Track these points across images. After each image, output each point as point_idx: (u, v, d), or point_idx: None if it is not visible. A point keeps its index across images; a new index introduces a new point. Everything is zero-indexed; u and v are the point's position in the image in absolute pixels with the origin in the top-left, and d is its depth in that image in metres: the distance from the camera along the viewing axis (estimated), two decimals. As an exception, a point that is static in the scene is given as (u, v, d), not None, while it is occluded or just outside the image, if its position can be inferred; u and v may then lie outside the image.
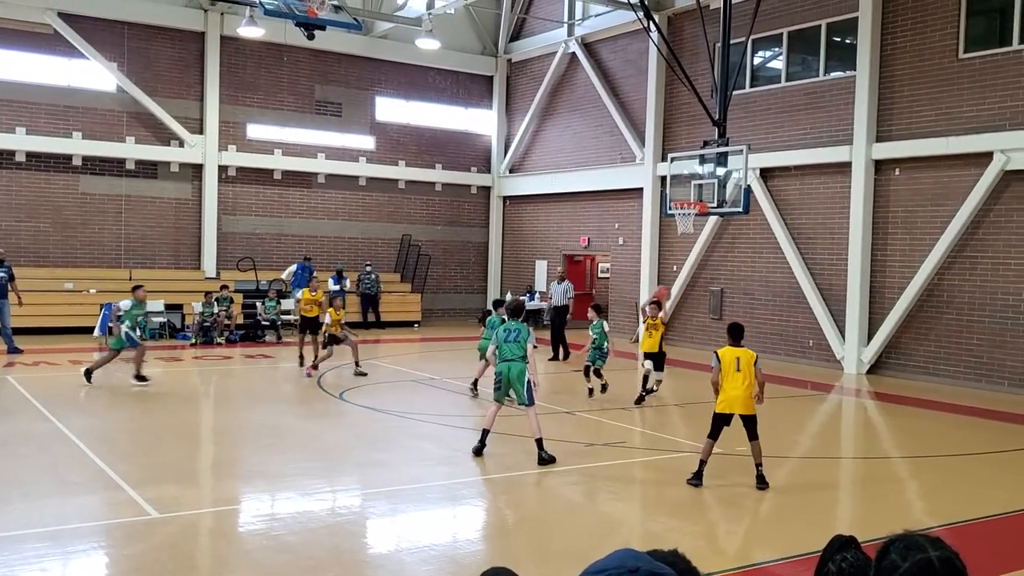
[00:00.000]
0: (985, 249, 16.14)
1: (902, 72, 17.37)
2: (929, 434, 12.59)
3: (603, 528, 7.82)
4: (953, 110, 16.54)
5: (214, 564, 6.78)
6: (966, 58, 16.40)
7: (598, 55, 25.02)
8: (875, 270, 17.83)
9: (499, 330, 10.33)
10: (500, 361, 10.09)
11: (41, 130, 22.43)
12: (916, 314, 17.17)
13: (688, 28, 21.74)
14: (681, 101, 21.81)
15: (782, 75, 19.98)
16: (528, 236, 27.91)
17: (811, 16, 19.04)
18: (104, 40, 22.94)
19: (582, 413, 13.04)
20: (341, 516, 8.03)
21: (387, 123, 27.29)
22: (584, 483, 9.37)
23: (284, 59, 25.44)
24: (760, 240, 20.11)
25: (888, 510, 8.54)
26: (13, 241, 21.95)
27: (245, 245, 25.12)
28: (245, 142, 25.05)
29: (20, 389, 13.88)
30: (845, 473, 10.38)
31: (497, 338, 10.19)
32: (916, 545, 1.87)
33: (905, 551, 1.85)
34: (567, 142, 26.27)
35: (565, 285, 19.86)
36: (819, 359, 18.74)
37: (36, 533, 7.14)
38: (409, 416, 12.52)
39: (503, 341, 10.09)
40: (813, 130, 18.97)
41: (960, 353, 16.50)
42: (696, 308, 21.77)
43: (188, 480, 9.21)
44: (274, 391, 15.34)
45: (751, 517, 8.37)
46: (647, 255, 22.84)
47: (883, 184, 17.72)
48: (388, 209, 27.46)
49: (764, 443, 9.02)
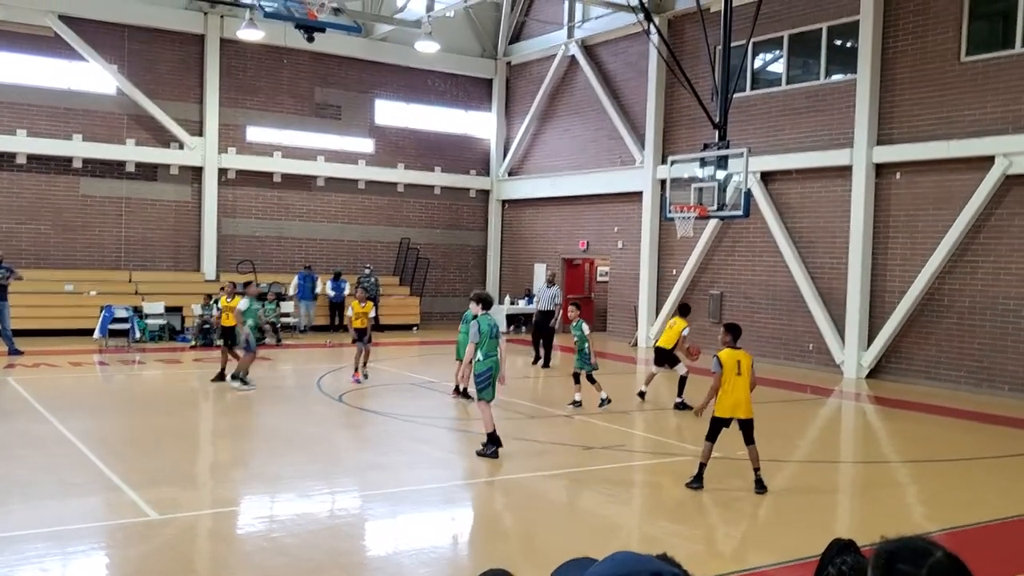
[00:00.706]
0: (987, 253, 16.13)
1: (903, 75, 17.38)
2: (929, 438, 12.58)
3: (602, 531, 7.81)
4: (955, 114, 16.54)
5: (213, 566, 6.76)
6: (968, 61, 16.40)
7: (598, 58, 25.03)
8: (876, 274, 17.82)
9: (482, 325, 10.08)
10: (486, 358, 10.01)
11: (42, 132, 22.43)
12: (917, 318, 17.15)
13: (688, 31, 21.75)
14: (681, 104, 21.81)
15: (783, 78, 19.98)
16: (527, 239, 27.90)
17: (812, 19, 19.05)
18: (104, 43, 22.95)
19: (581, 417, 13.02)
20: (340, 518, 8.02)
21: (386, 126, 27.30)
22: (583, 486, 9.36)
23: (284, 62, 25.45)
24: (760, 244, 20.10)
25: (888, 514, 8.53)
26: (14, 243, 21.94)
27: (245, 248, 25.11)
28: (245, 145, 25.06)
29: (20, 391, 13.87)
30: (844, 477, 10.36)
31: (481, 334, 10.02)
32: (921, 550, 1.85)
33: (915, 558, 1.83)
34: (566, 145, 26.27)
35: (553, 290, 19.38)
36: (819, 363, 18.73)
37: (36, 534, 7.13)
38: (408, 419, 12.50)
39: (490, 337, 10.01)
40: (814, 133, 18.97)
41: (961, 357, 16.49)
42: (695, 312, 21.66)
43: (187, 482, 9.20)
44: (273, 393, 15.32)
45: (750, 521, 8.35)
46: (646, 259, 22.83)
47: (884, 188, 17.71)
48: (387, 212, 27.46)
49: (764, 447, 9.02)
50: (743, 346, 9.23)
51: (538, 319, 19.42)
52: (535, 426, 12.42)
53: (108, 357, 18.47)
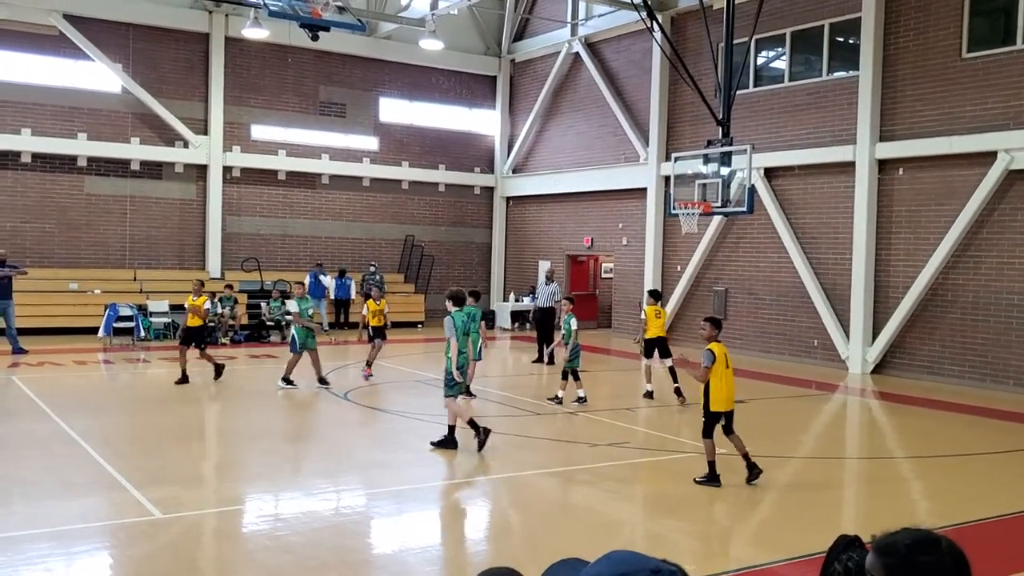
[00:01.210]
0: (989, 249, 16.11)
1: (905, 72, 17.35)
2: (934, 434, 12.57)
3: (606, 528, 7.82)
4: (956, 110, 16.51)
5: (218, 565, 6.79)
6: (969, 58, 16.37)
7: (601, 55, 25.02)
8: (879, 270, 17.81)
9: (456, 321, 10.24)
10: (460, 354, 10.27)
11: (46, 131, 22.49)
12: (920, 314, 17.14)
13: (691, 28, 21.73)
14: (684, 101, 21.80)
15: (785, 75, 19.96)
16: (531, 236, 27.91)
17: (814, 16, 19.03)
18: (109, 42, 23.00)
19: (586, 414, 13.03)
20: (345, 516, 8.04)
21: (391, 124, 27.32)
22: (588, 483, 9.37)
23: (288, 60, 25.47)
24: (764, 240, 20.09)
25: (893, 510, 8.53)
26: (18, 242, 22.01)
27: (250, 246, 25.16)
28: (249, 143, 25.10)
29: (24, 389, 13.92)
30: (850, 473, 10.36)
31: (456, 330, 10.20)
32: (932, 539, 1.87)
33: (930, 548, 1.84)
34: (570, 142, 26.27)
35: (552, 287, 19.21)
36: (824, 359, 18.72)
37: (40, 533, 7.16)
38: (413, 416, 12.53)
39: (464, 333, 10.39)
40: (816, 130, 18.95)
41: (964, 353, 16.48)
42: (700, 308, 21.71)
43: (191, 481, 9.22)
44: (277, 391, 15.36)
45: (755, 517, 8.36)
46: (651, 255, 22.82)
47: (887, 184, 17.70)
48: (392, 210, 27.49)
49: (767, 443, 9.04)
50: (745, 340, 9.24)
51: (538, 316, 19.32)
52: (540, 423, 12.44)
53: (112, 356, 18.53)
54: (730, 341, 21.30)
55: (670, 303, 21.89)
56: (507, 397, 14.39)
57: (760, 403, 14.32)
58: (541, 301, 19.24)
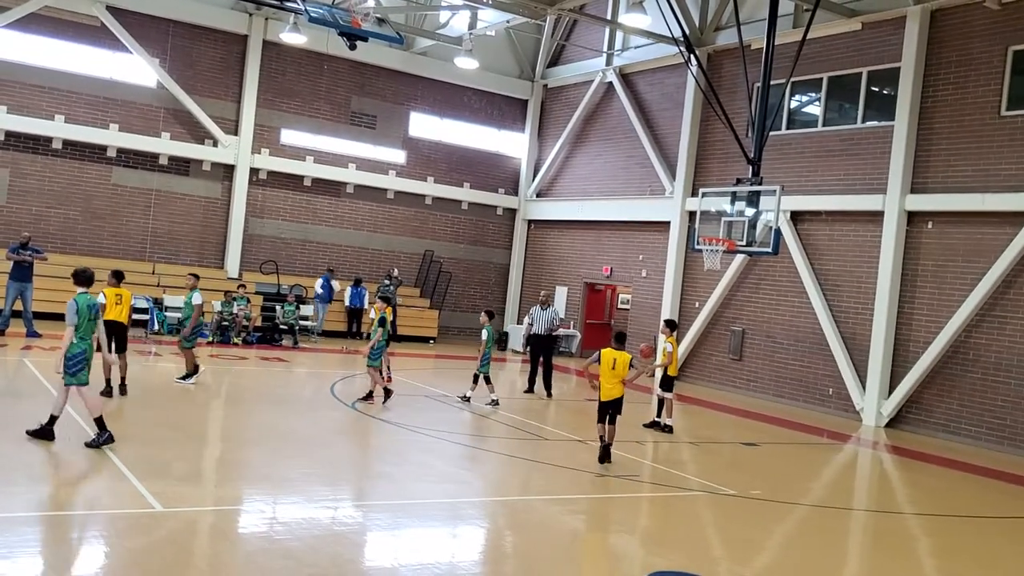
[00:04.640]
0: (1016, 310, 15.89)
1: (941, 125, 17.23)
2: (946, 492, 12.34)
3: (604, 560, 7.67)
4: (991, 167, 16.36)
5: (216, 565, 6.68)
6: (1008, 116, 16.24)
7: (635, 86, 25.03)
8: (901, 322, 17.60)
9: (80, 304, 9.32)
10: (80, 340, 9.37)
11: (79, 119, 22.68)
12: (940, 370, 16.90)
13: (727, 66, 21.70)
14: (715, 138, 21.74)
15: (819, 119, 19.87)
16: (550, 261, 27.84)
17: (852, 63, 18.96)
18: (148, 36, 23.23)
19: (594, 443, 12.86)
20: (345, 526, 7.93)
21: (419, 138, 27.40)
22: (590, 513, 9.24)
23: (323, 68, 25.63)
24: (786, 283, 19.93)
25: (899, 565, 8.34)
26: (42, 226, 22.15)
27: (270, 248, 25.22)
28: (278, 147, 25.22)
29: (36, 373, 13.93)
30: (856, 524, 10.16)
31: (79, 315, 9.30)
32: None
33: None
34: (597, 170, 26.24)
35: (550, 312, 17.60)
36: (838, 408, 18.48)
37: (39, 516, 7.09)
38: (419, 431, 12.42)
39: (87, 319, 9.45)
40: (847, 177, 18.82)
41: (982, 413, 16.22)
42: (716, 347, 21.56)
43: (194, 477, 9.16)
44: (285, 395, 15.30)
45: (757, 558, 8.19)
46: (669, 289, 22.68)
47: (914, 236, 17.53)
48: (413, 224, 27.52)
49: (777, 489, 8.85)
50: (760, 383, 9.12)
51: (532, 344, 17.81)
52: (547, 449, 12.30)
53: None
54: (744, 383, 21.22)
55: (685, 339, 21.72)
56: (516, 420, 14.25)
57: (770, 447, 14.12)
58: (536, 327, 17.61)
